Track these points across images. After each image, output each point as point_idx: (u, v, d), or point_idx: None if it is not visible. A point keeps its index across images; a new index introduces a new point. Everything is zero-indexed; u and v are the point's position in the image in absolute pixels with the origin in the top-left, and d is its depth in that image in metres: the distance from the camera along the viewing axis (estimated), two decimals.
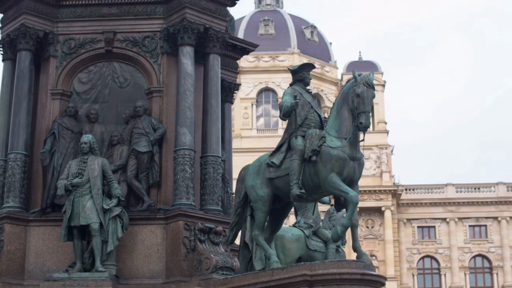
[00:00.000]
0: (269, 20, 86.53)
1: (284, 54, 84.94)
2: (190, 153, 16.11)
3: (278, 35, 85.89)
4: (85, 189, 15.19)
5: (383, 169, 75.36)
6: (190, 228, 15.59)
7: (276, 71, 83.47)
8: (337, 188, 13.21)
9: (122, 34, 17.18)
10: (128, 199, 16.18)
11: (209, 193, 16.34)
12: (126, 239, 15.73)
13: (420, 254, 77.07)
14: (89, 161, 15.42)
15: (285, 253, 18.83)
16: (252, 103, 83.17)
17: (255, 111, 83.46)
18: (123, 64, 17.19)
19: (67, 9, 17.35)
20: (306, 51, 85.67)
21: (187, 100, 16.35)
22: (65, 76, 17.10)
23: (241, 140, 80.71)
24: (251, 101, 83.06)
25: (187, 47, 16.67)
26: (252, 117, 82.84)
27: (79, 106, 16.99)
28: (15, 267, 15.81)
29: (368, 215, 75.28)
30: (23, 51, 16.89)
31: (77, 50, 17.20)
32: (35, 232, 16.09)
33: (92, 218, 14.99)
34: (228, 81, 19.54)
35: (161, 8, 17.22)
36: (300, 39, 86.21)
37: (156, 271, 15.70)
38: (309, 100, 14.19)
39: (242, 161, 72.16)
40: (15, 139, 16.46)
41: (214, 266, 15.12)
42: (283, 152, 13.98)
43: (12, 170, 16.22)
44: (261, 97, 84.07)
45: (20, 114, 16.59)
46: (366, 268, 12.90)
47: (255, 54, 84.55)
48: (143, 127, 16.37)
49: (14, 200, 16.10)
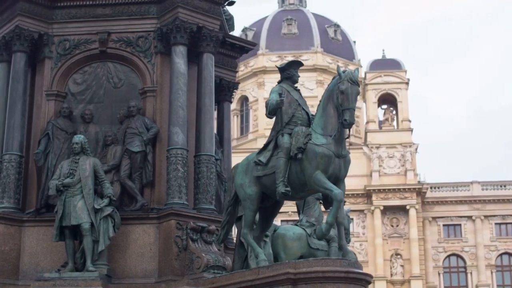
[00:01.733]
0: (292, 19, 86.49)
1: (308, 53, 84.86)
2: (183, 152, 16.12)
3: (301, 34, 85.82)
4: (76, 189, 15.26)
5: (408, 167, 74.78)
6: (182, 227, 15.60)
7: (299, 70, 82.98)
8: (322, 185, 13.15)
9: (116, 35, 17.22)
10: (122, 199, 16.23)
11: (202, 192, 16.34)
12: (119, 239, 15.78)
13: (446, 253, 76.43)
14: (80, 161, 15.49)
15: (287, 252, 18.76)
16: None
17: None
18: (117, 64, 17.24)
19: (62, 10, 17.42)
20: (330, 50, 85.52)
21: (179, 100, 16.36)
22: (60, 77, 17.18)
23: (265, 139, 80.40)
24: None
25: (180, 47, 16.68)
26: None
27: (74, 107, 17.05)
28: (9, 267, 15.91)
29: (393, 213, 74.84)
30: (18, 52, 16.99)
31: (72, 51, 17.28)
32: (29, 232, 16.18)
33: (83, 218, 15.05)
34: (226, 80, 19.53)
35: (154, 8, 17.24)
36: (323, 38, 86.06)
37: (149, 271, 15.72)
38: (297, 97, 14.17)
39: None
40: (10, 140, 16.56)
41: (206, 265, 15.10)
42: (270, 150, 13.96)
43: (6, 171, 16.33)
44: None
45: (15, 115, 16.69)
46: (350, 266, 12.80)
47: (278, 54, 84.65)
48: (136, 127, 16.41)
49: (9, 200, 16.21)
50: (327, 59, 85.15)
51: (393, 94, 78.65)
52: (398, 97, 78.31)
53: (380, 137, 76.00)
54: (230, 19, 20.08)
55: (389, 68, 79.55)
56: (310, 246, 19.34)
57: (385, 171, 74.49)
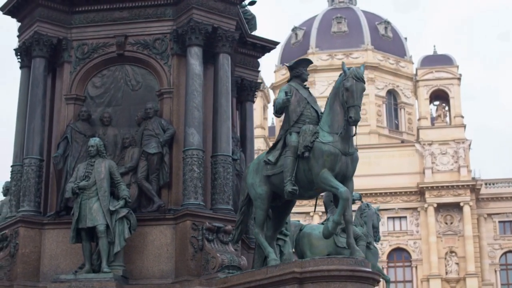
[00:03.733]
0: (341, 17, 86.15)
1: (358, 51, 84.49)
2: (198, 153, 16.15)
3: (351, 32, 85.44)
4: (91, 191, 15.41)
5: (461, 164, 73.90)
6: (198, 228, 15.63)
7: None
8: (328, 183, 13.06)
9: (133, 37, 17.33)
10: (140, 200, 16.34)
11: (219, 192, 16.35)
12: (136, 240, 15.90)
13: (502, 250, 75.26)
14: (96, 164, 15.63)
15: (313, 250, 18.74)
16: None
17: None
18: (135, 67, 17.36)
19: (80, 15, 17.60)
20: (380, 47, 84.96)
21: (194, 101, 16.40)
22: (79, 81, 17.35)
23: None
24: (326, 99, 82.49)
25: (195, 48, 16.72)
26: None
27: (93, 110, 17.21)
28: (30, 269, 16.14)
29: (447, 211, 74.03)
30: (37, 58, 17.22)
31: (90, 55, 17.43)
32: (49, 235, 16.39)
33: (98, 220, 15.18)
34: (248, 79, 19.55)
35: (170, 10, 17.30)
36: (373, 35, 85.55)
37: (166, 271, 15.79)
38: (306, 96, 14.11)
39: None
40: (30, 144, 16.80)
41: (220, 265, 15.11)
42: (279, 149, 13.92)
43: (27, 174, 16.58)
44: None
45: (34, 119, 16.92)
46: (356, 264, 12.66)
47: (328, 52, 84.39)
48: (153, 128, 16.50)
49: (29, 204, 16.45)
50: (378, 56, 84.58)
51: (445, 90, 77.86)
52: (450, 93, 77.46)
53: (432, 133, 75.23)
54: (252, 19, 20.07)
55: (441, 63, 78.74)
56: (336, 244, 19.25)
57: (438, 168, 73.69)
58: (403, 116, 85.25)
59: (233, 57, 19.11)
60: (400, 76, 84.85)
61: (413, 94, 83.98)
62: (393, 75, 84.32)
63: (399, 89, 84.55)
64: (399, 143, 78.87)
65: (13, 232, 16.34)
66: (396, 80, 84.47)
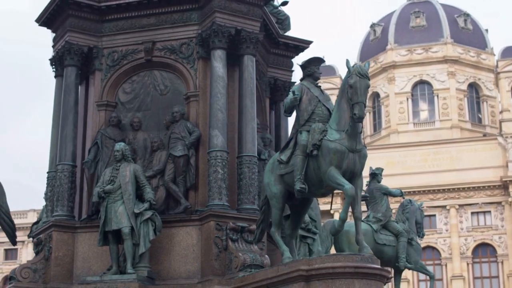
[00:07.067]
0: (420, 11, 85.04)
1: (437, 45, 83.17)
2: (222, 155, 16.39)
3: (430, 26, 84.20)
4: (117, 195, 15.83)
5: None
6: (222, 228, 15.89)
7: (429, 63, 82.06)
8: (334, 181, 13.11)
9: (160, 43, 17.71)
10: (168, 202, 16.70)
11: (244, 193, 16.55)
12: (163, 241, 16.27)
13: None
14: (121, 168, 16.05)
15: (351, 248, 18.68)
16: (408, 97, 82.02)
17: (411, 105, 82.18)
18: (163, 72, 17.73)
19: (110, 23, 18.09)
20: (460, 40, 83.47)
21: (218, 103, 16.65)
22: (110, 87, 17.84)
23: (398, 135, 79.77)
24: (406, 95, 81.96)
25: (218, 51, 16.97)
26: (408, 111, 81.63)
27: (124, 116, 17.65)
28: (64, 272, 16.68)
29: None
30: (68, 66, 17.78)
31: (120, 62, 17.90)
32: (81, 238, 16.90)
33: (123, 223, 15.59)
34: (282, 80, 19.70)
35: (195, 14, 17.61)
36: (453, 28, 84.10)
37: (192, 271, 16.09)
38: (317, 94, 14.13)
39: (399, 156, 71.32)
40: (63, 150, 17.35)
41: (242, 264, 15.33)
42: (291, 148, 14.01)
43: (60, 180, 17.12)
44: (416, 90, 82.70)
45: (67, 126, 17.45)
46: (362, 261, 12.67)
47: (407, 48, 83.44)
48: (179, 131, 16.83)
49: (62, 209, 16.99)
50: (458, 49, 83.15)
51: None
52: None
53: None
54: (286, 19, 20.19)
55: None
56: (376, 241, 19.21)
57: None
58: (486, 109, 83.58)
59: (265, 58, 19.31)
60: (481, 69, 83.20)
61: (495, 87, 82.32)
62: (474, 68, 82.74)
63: (480, 82, 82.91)
64: (481, 137, 77.37)
65: (47, 236, 16.91)
66: (477, 73, 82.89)
